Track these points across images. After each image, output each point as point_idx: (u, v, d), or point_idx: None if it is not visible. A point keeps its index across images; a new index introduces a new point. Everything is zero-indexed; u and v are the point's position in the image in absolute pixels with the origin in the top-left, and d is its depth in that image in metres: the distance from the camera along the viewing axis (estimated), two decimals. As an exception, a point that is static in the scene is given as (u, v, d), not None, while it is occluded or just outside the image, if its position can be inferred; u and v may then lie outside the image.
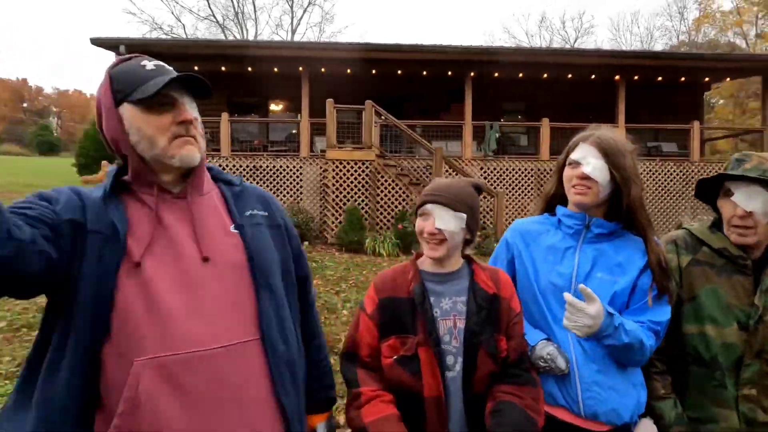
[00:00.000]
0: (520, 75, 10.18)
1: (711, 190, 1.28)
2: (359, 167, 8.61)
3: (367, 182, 8.57)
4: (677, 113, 11.82)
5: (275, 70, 10.16)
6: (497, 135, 10.07)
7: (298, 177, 9.61)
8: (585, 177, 1.14)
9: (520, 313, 1.15)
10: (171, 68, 0.92)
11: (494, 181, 9.77)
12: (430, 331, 1.06)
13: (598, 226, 1.19)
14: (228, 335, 0.84)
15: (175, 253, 0.85)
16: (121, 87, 0.85)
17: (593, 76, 10.17)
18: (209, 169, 1.02)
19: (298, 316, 1.03)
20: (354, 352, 1.12)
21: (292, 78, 10.20)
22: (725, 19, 28.70)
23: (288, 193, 9.61)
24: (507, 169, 9.85)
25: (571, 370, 1.11)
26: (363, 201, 8.53)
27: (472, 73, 10.02)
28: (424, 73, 10.16)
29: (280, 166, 9.60)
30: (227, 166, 9.53)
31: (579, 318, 1.05)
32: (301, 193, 9.57)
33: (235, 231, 0.94)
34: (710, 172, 10.24)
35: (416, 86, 11.23)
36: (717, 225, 1.27)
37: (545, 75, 10.24)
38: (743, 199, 1.15)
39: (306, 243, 8.37)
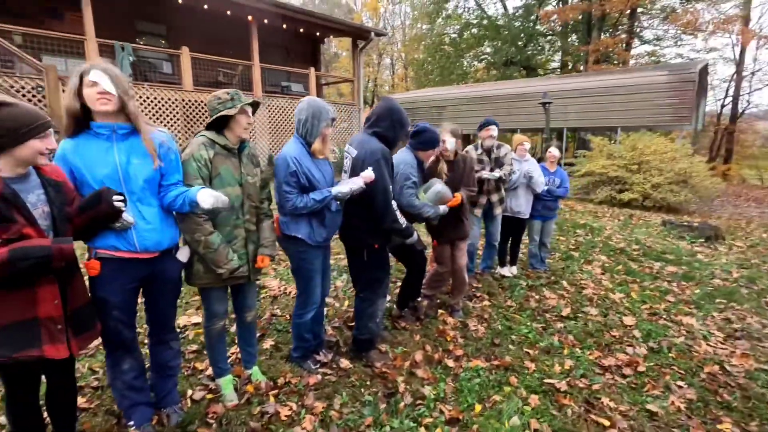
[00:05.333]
0: (152, -6, 9.48)
1: None
2: None
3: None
4: (302, 59, 14.27)
5: None
6: (131, 58, 9.21)
7: None
8: (104, 92, 1.67)
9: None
10: None
11: (134, 110, 9.10)
12: (28, 217, 1.44)
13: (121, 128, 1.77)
14: None
15: None
16: None
17: (228, 12, 10.73)
18: None
19: None
20: None
21: None
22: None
23: None
24: (149, 98, 9.34)
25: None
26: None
27: (89, -22, 8.49)
28: (13, -39, 7.77)
29: None
30: None
31: None
32: None
33: None
34: (324, 110, 13.25)
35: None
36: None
37: (180, 0, 9.95)
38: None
39: None
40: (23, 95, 7.59)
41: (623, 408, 2.49)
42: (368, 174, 2.41)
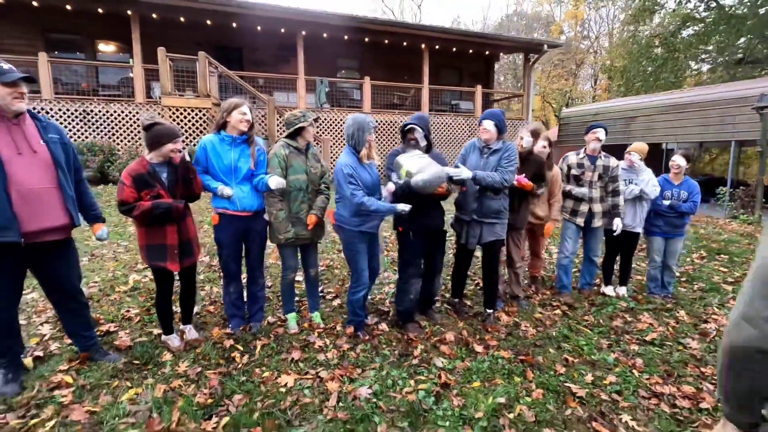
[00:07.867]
0: (345, 37, 11.78)
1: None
2: (196, 115, 9.41)
3: (204, 129, 9.46)
4: (474, 78, 14.93)
5: (99, 10, 9.90)
6: (326, 89, 11.68)
7: (135, 123, 9.90)
8: (248, 120, 2.84)
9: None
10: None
11: (323, 131, 11.51)
12: (162, 186, 2.63)
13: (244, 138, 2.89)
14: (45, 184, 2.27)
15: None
16: None
17: (405, 43, 12.34)
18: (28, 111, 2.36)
19: (72, 181, 2.45)
20: (127, 202, 2.58)
21: (120, 18, 10.07)
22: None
23: (125, 138, 9.87)
24: (334, 120, 11.64)
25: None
26: (201, 145, 9.47)
27: (303, 32, 11.25)
28: (258, 28, 11.03)
29: (114, 111, 9.75)
30: (51, 110, 9.31)
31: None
32: (140, 138, 9.93)
33: (43, 144, 2.33)
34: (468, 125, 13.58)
35: (253, 38, 12.00)
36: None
37: (367, 39, 12.03)
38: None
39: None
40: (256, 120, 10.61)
41: (643, 431, 2.30)
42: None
